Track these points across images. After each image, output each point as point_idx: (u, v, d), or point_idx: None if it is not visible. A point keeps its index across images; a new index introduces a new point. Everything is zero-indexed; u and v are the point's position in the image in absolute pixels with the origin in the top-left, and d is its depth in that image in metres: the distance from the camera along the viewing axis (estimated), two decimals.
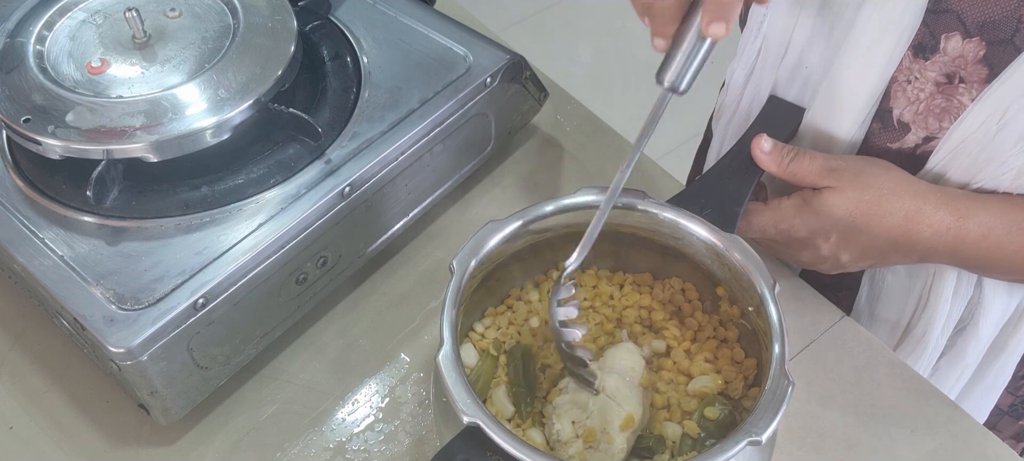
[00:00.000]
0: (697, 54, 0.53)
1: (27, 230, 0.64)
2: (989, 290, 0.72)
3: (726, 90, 0.80)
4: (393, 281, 0.76)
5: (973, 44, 0.62)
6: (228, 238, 0.64)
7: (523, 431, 0.60)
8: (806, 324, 0.73)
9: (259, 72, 0.68)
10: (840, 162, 0.65)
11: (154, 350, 0.59)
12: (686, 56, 0.53)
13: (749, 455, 0.53)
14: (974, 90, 0.63)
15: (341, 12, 0.80)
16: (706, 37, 0.52)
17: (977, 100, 0.63)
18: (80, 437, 0.67)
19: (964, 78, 0.63)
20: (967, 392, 0.81)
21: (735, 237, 0.60)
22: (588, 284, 0.67)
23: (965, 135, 0.64)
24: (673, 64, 0.53)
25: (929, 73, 0.64)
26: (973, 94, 0.63)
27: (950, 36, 0.62)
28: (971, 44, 0.62)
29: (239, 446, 0.67)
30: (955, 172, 0.66)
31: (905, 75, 0.65)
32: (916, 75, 0.65)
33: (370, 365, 0.71)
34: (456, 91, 0.73)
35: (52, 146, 0.64)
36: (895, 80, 0.66)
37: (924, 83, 0.65)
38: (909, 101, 0.66)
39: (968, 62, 0.62)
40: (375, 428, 0.68)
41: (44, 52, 0.69)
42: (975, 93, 0.63)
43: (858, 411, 0.68)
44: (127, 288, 0.61)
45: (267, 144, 0.69)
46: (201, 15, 0.71)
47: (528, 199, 0.61)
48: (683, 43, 0.53)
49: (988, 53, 0.61)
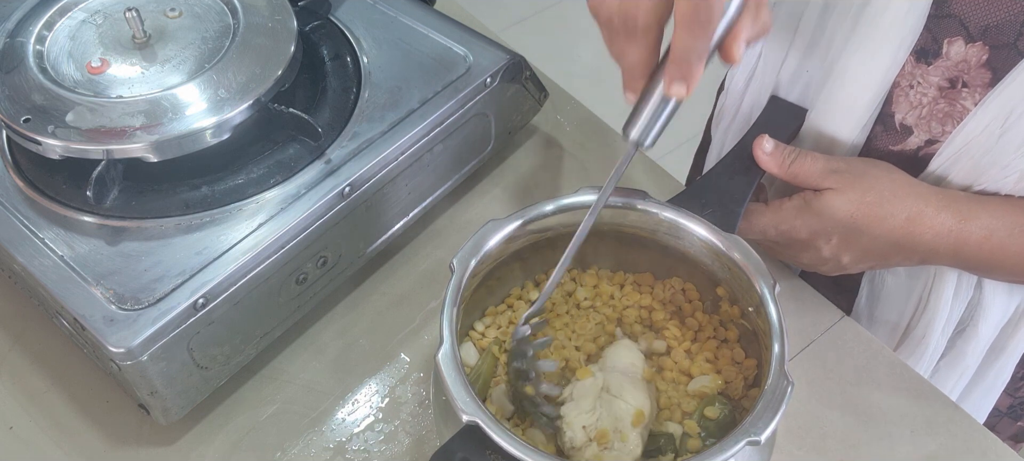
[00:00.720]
0: (663, 112, 0.54)
1: (27, 230, 0.64)
2: (989, 291, 0.72)
3: (726, 94, 0.80)
4: (393, 281, 0.76)
5: (976, 49, 0.61)
6: (228, 238, 0.63)
7: (523, 430, 0.60)
8: (806, 324, 0.73)
9: (259, 72, 0.68)
10: (842, 164, 0.65)
11: (154, 350, 0.59)
12: (652, 113, 0.54)
13: (748, 455, 0.53)
14: (977, 94, 0.63)
15: (341, 12, 0.80)
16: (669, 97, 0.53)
17: (980, 104, 0.63)
18: (80, 437, 0.67)
19: (967, 83, 0.63)
20: (966, 394, 0.81)
21: (736, 237, 0.60)
22: (589, 284, 0.67)
23: (968, 139, 0.64)
24: (639, 120, 0.55)
25: (932, 78, 0.64)
26: (976, 98, 0.63)
27: (953, 41, 0.62)
28: (974, 49, 0.62)
29: (239, 446, 0.67)
30: (957, 175, 0.66)
31: (908, 80, 0.65)
32: (919, 80, 0.65)
33: (370, 365, 0.71)
34: (456, 91, 0.73)
35: (52, 146, 0.64)
36: (897, 85, 0.66)
37: (927, 88, 0.65)
38: (912, 105, 0.66)
39: (971, 67, 0.62)
40: (375, 428, 0.68)
41: (44, 52, 0.69)
42: (978, 97, 0.63)
43: (858, 411, 0.68)
44: (127, 288, 0.61)
45: (267, 144, 0.69)
46: (201, 15, 0.71)
47: (528, 199, 0.61)
48: (650, 99, 0.54)
49: (991, 57, 0.61)
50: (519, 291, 0.67)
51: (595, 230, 0.61)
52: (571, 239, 0.59)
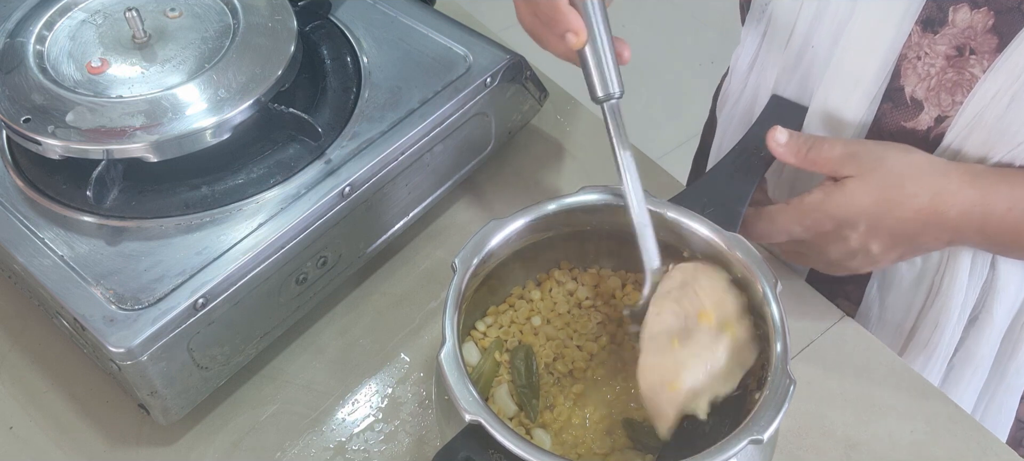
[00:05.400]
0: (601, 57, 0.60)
1: (27, 230, 0.64)
2: (1003, 271, 0.71)
3: (730, 76, 0.80)
4: (393, 281, 0.76)
5: (981, 14, 0.61)
6: (228, 238, 0.63)
7: (526, 429, 0.60)
8: (807, 324, 0.73)
9: (259, 72, 0.68)
10: (859, 147, 0.64)
11: (154, 350, 0.59)
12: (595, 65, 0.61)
13: (750, 454, 0.53)
14: (985, 61, 0.62)
15: (341, 12, 0.80)
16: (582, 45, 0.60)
17: (988, 70, 0.62)
18: (80, 437, 0.67)
19: (974, 49, 0.63)
20: (985, 399, 0.80)
21: (737, 236, 0.60)
22: (589, 283, 0.67)
23: (979, 107, 0.63)
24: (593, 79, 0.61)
25: (939, 47, 0.64)
26: (984, 65, 0.63)
27: (958, 8, 0.62)
28: (979, 14, 0.61)
29: (239, 446, 0.67)
30: (971, 148, 0.65)
31: (915, 51, 0.65)
32: (926, 50, 0.65)
33: (370, 365, 0.71)
34: (456, 91, 0.73)
35: (52, 146, 0.64)
36: (904, 57, 0.66)
37: (934, 57, 0.64)
38: (920, 77, 0.66)
39: (977, 33, 0.62)
40: (375, 428, 0.68)
41: (44, 52, 0.69)
42: (986, 64, 0.62)
43: (858, 411, 0.68)
44: (127, 288, 0.61)
45: (267, 144, 0.69)
46: (201, 15, 0.71)
47: (528, 199, 0.61)
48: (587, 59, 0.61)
49: (997, 22, 0.61)
50: (520, 290, 0.67)
51: (595, 229, 0.61)
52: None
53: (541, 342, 0.65)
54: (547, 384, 0.63)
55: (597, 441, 0.61)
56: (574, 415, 0.62)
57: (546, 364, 0.64)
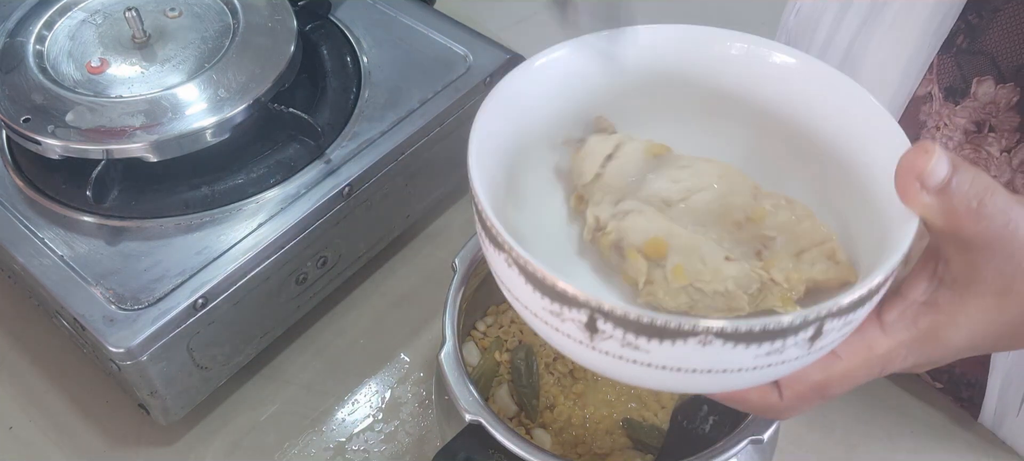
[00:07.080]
0: None
1: (27, 230, 0.64)
2: None
3: None
4: (393, 281, 0.76)
5: (1007, 90, 0.59)
6: (228, 238, 0.63)
7: (526, 429, 0.60)
8: None
9: (259, 72, 0.68)
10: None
11: (154, 350, 0.59)
12: None
13: (750, 454, 0.53)
14: (1003, 140, 0.60)
15: (341, 12, 0.80)
16: None
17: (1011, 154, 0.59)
18: (80, 437, 0.67)
19: (994, 127, 0.60)
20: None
21: None
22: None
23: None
24: None
25: (958, 119, 0.61)
26: (1002, 144, 0.60)
27: (983, 80, 0.59)
28: (1004, 90, 0.59)
29: (239, 446, 0.67)
30: None
31: (934, 120, 0.62)
32: (945, 121, 0.62)
33: (370, 365, 0.71)
34: (456, 91, 0.73)
35: (52, 146, 0.64)
36: (924, 126, 0.63)
37: (953, 130, 0.62)
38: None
39: (1000, 109, 0.59)
40: (375, 428, 0.68)
41: (44, 52, 0.69)
42: (1004, 144, 0.60)
43: (858, 411, 0.68)
44: (127, 288, 0.60)
45: (267, 144, 0.69)
46: (201, 15, 0.71)
47: None
48: None
49: (1022, 100, 0.58)
50: None
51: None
52: None
53: (541, 342, 0.64)
54: (547, 384, 0.63)
55: (597, 441, 0.61)
56: (574, 415, 0.62)
57: (546, 364, 0.64)
